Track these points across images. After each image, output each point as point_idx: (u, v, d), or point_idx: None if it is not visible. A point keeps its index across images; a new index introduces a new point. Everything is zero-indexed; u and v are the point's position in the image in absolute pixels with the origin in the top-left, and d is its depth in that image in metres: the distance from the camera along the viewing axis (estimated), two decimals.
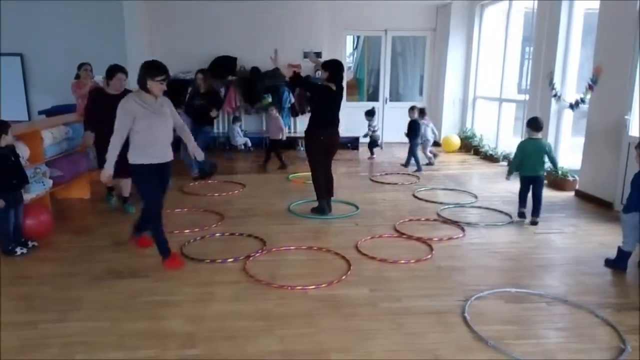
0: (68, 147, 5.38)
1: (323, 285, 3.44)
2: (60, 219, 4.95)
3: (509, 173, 5.21)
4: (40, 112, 8.76)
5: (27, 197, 4.36)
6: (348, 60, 12.60)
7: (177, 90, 9.00)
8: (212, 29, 9.34)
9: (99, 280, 3.55)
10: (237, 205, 5.48)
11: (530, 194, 5.03)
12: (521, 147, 5.06)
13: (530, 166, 4.96)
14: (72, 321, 2.96)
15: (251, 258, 3.91)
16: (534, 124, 5.00)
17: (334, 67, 5.04)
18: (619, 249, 3.77)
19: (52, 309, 3.11)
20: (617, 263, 3.77)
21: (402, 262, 3.89)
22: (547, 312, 3.13)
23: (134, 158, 3.60)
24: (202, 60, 9.27)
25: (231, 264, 3.81)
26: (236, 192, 6.01)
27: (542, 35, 6.82)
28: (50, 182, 4.88)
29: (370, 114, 8.71)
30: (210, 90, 7.02)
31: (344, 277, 3.58)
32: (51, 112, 8.02)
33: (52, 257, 3.98)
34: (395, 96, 10.94)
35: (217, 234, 4.51)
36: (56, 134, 5.05)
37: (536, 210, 4.94)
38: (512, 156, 7.79)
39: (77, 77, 6.66)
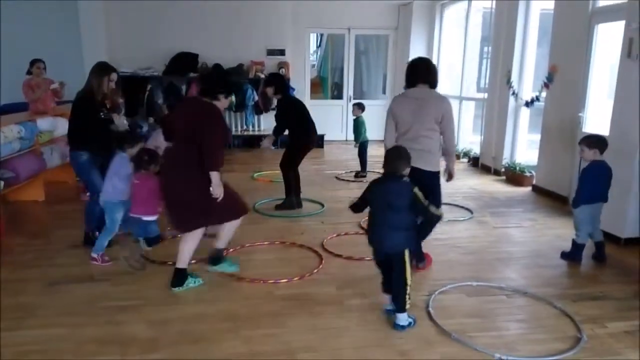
0: (21, 147, 5.14)
1: (295, 279, 3.48)
2: (13, 222, 4.73)
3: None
4: None
5: None
6: (312, 59, 12.62)
7: (136, 87, 8.81)
8: (173, 25, 9.11)
9: (55, 285, 3.41)
10: None
11: None
12: None
13: None
14: (27, 329, 2.83)
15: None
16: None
17: (278, 79, 4.97)
18: (573, 242, 3.92)
19: (5, 317, 2.96)
20: (573, 255, 3.92)
21: (368, 259, 3.90)
22: (507, 305, 3.22)
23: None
24: (162, 57, 9.07)
25: (195, 266, 3.72)
26: None
27: (500, 35, 7.01)
28: (2, 183, 4.65)
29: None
30: None
31: (315, 271, 3.61)
32: (1, 111, 7.63)
33: (4, 262, 3.79)
34: (359, 94, 11.01)
35: (179, 235, 4.39)
36: (7, 133, 4.82)
37: None
38: (472, 153, 8.02)
39: (29, 73, 6.40)
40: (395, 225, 2.82)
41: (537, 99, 6.30)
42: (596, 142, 3.83)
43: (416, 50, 9.69)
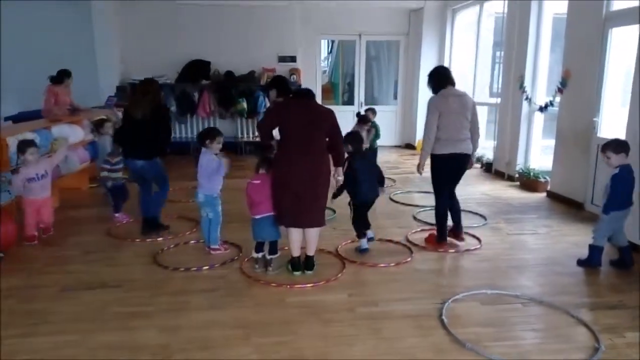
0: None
1: (309, 286, 3.46)
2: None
3: None
4: (6, 119, 8.45)
5: None
6: (323, 65, 12.64)
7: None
8: (186, 32, 9.20)
9: (68, 291, 3.42)
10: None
11: None
12: None
13: None
14: (39, 335, 2.84)
15: (225, 265, 3.85)
16: None
17: (280, 82, 4.79)
18: (591, 246, 3.84)
19: (18, 323, 2.97)
20: (591, 260, 3.83)
21: (382, 265, 3.89)
22: (523, 313, 3.16)
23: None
24: (175, 65, 9.15)
25: (207, 272, 3.73)
26: None
27: (512, 39, 6.95)
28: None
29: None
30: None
31: (334, 278, 3.59)
32: (18, 118, 7.74)
33: (17, 269, 3.81)
34: (370, 100, 10.99)
35: (192, 242, 4.41)
36: None
37: None
38: (485, 158, 7.94)
39: (55, 81, 6.83)
40: (375, 181, 4.22)
41: (551, 103, 6.22)
42: (622, 146, 3.77)
43: (427, 56, 9.67)
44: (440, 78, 4.19)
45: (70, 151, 6.00)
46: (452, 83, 4.20)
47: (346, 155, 3.93)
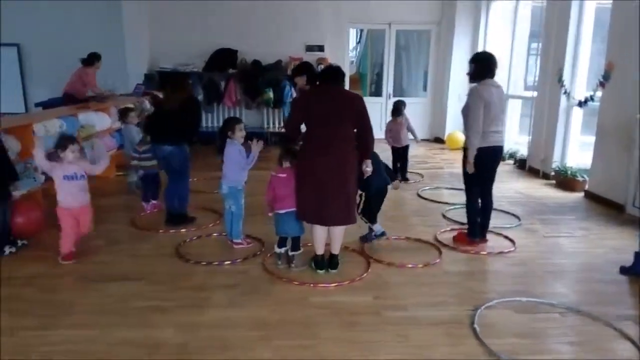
0: None
1: (333, 285, 3.34)
2: (53, 215, 4.76)
3: None
4: (37, 105, 8.56)
5: (18, 193, 4.19)
6: (351, 55, 12.41)
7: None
8: (213, 21, 9.12)
9: (89, 282, 3.39)
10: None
11: None
12: None
13: None
14: (57, 328, 2.80)
15: (247, 259, 3.76)
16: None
17: (309, 68, 4.39)
18: (637, 254, 3.59)
19: (34, 313, 2.95)
20: (636, 269, 3.58)
21: (410, 266, 3.73)
22: (560, 324, 2.96)
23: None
24: (202, 53, 9.09)
25: (228, 267, 3.64)
26: None
27: (552, 31, 6.61)
28: (43, 177, 4.70)
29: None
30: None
31: (358, 278, 3.47)
32: (48, 104, 7.82)
33: (41, 257, 3.81)
34: (398, 91, 10.73)
35: (215, 234, 4.34)
36: (49, 127, 4.87)
37: None
38: (519, 154, 7.63)
39: (86, 63, 7.21)
40: (381, 169, 4.02)
41: (592, 98, 5.89)
42: None
43: (460, 46, 9.35)
44: (492, 66, 3.98)
45: (97, 138, 6.03)
46: (495, 74, 4.02)
47: None
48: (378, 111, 10.11)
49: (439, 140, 9.86)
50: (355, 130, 3.41)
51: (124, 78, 8.68)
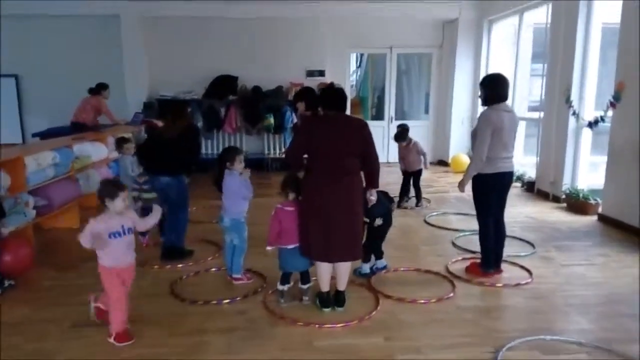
0: (55, 174, 5.01)
1: (339, 325, 3.11)
2: (45, 252, 4.58)
3: None
4: (34, 135, 8.45)
5: (5, 231, 3.98)
6: (351, 79, 12.34)
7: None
8: (213, 47, 9.08)
9: (79, 328, 3.15)
10: None
11: None
12: None
13: None
14: None
15: (247, 298, 3.51)
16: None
17: (309, 93, 4.41)
18: None
19: None
20: None
21: (422, 301, 3.48)
22: None
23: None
24: (202, 80, 9.01)
25: (227, 306, 3.40)
26: None
27: (557, 50, 6.48)
28: (34, 212, 4.52)
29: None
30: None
31: (373, 313, 3.26)
32: (45, 135, 7.71)
33: (29, 299, 3.58)
34: (400, 115, 10.61)
35: (213, 269, 4.10)
36: (41, 161, 4.70)
37: None
38: (526, 177, 7.43)
39: (94, 92, 7.40)
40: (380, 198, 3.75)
41: (602, 119, 5.72)
42: None
43: (462, 69, 9.27)
44: (501, 90, 3.81)
45: (93, 169, 5.86)
46: (507, 97, 3.86)
47: None
48: (380, 135, 9.97)
49: (442, 163, 9.69)
50: (360, 158, 3.21)
51: (124, 106, 8.58)
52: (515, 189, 7.47)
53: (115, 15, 8.60)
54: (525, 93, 8.27)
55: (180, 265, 4.16)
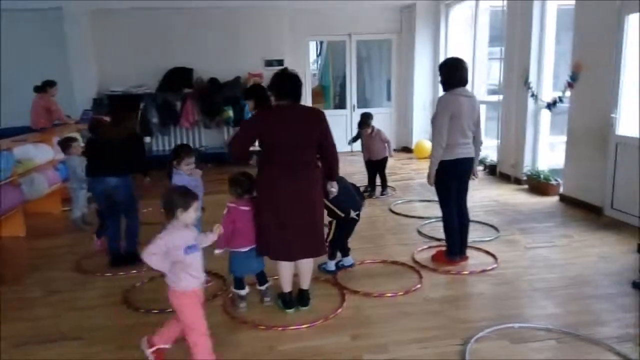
0: None
1: (304, 326, 2.94)
2: None
3: None
4: None
5: None
6: (312, 68, 12.14)
7: (127, 107, 8.33)
8: (165, 39, 8.68)
9: (23, 346, 2.88)
10: None
11: None
12: None
13: None
14: None
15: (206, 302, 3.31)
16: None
17: (257, 91, 4.08)
18: None
19: None
20: None
21: (389, 295, 3.37)
22: (560, 353, 2.65)
23: None
24: (155, 73, 8.63)
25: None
26: None
27: (515, 33, 6.48)
28: None
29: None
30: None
31: (339, 310, 3.13)
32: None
33: None
34: (363, 103, 10.51)
35: None
36: None
37: None
38: (488, 160, 7.46)
39: (40, 90, 6.98)
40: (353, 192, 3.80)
41: (560, 100, 5.75)
42: None
43: (422, 54, 9.21)
44: (459, 74, 3.70)
45: (38, 173, 5.49)
46: (466, 82, 3.76)
47: None
48: (343, 124, 9.85)
49: (406, 149, 9.65)
50: (318, 149, 3.05)
51: (72, 104, 8.12)
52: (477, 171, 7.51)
53: (58, 8, 8.08)
54: (484, 77, 8.29)
55: (134, 272, 3.91)
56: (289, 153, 2.92)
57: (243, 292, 3.18)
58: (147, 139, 8.58)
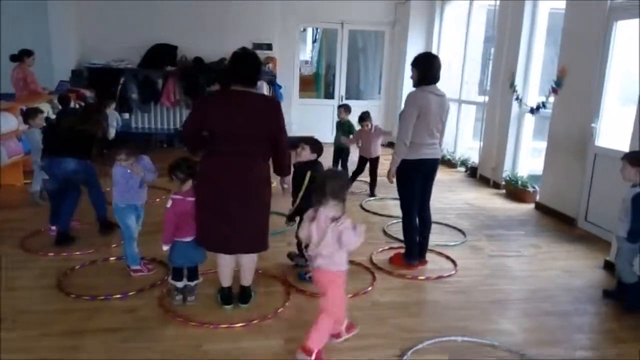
0: None
1: (238, 326, 2.75)
2: None
3: None
4: None
5: None
6: (310, 55, 11.89)
7: (108, 81, 8.11)
8: (151, 14, 8.40)
9: None
10: (152, 217, 4.05)
11: None
12: None
13: None
14: None
15: (143, 292, 3.15)
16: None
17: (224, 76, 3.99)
18: (628, 285, 3.18)
19: None
20: (630, 303, 3.16)
21: None
22: None
23: None
24: (138, 49, 8.38)
25: (117, 302, 3.03)
26: (157, 200, 5.06)
27: (504, 34, 6.29)
28: None
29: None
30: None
31: (280, 310, 2.97)
32: None
33: None
34: (355, 94, 10.30)
35: (113, 258, 3.70)
36: None
37: None
38: (470, 162, 7.30)
39: (16, 59, 6.64)
40: None
41: (544, 105, 5.58)
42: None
43: (414, 49, 8.92)
44: (432, 71, 3.53)
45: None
46: (438, 79, 3.59)
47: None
48: (330, 114, 9.64)
49: (392, 144, 9.46)
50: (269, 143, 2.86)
51: (50, 74, 7.88)
52: (459, 173, 7.37)
53: None
54: (476, 76, 8.08)
55: (77, 253, 3.73)
56: (233, 144, 2.73)
57: (180, 284, 3.01)
58: (126, 116, 8.37)
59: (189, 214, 2.89)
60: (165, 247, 2.94)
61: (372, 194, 5.86)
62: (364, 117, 5.83)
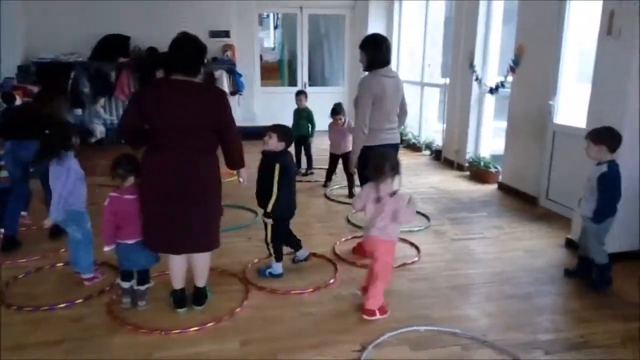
0: None
1: (192, 329, 2.61)
2: None
3: None
4: None
5: None
6: (273, 42, 11.65)
7: (58, 75, 7.71)
8: (100, 3, 8.01)
9: None
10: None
11: None
12: None
13: None
14: None
15: (91, 299, 2.97)
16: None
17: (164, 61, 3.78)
18: (599, 266, 3.14)
19: None
20: (601, 282, 3.16)
21: (296, 292, 3.11)
22: None
23: None
24: (88, 41, 7.99)
25: (62, 312, 2.85)
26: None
27: (462, 14, 6.24)
28: None
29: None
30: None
31: (237, 310, 2.85)
32: None
33: None
34: (321, 81, 10.15)
35: (60, 264, 3.47)
36: None
37: None
38: (435, 145, 7.28)
39: None
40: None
41: (502, 85, 5.57)
42: (603, 136, 3.04)
43: (375, 32, 8.86)
44: (382, 53, 3.44)
45: None
46: (389, 62, 3.51)
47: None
48: (293, 102, 9.41)
49: None
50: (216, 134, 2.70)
51: None
52: (424, 157, 7.36)
53: None
54: (438, 59, 8.03)
55: (23, 260, 3.50)
56: (175, 137, 2.56)
57: (126, 285, 2.85)
58: (79, 111, 8.01)
59: (130, 213, 2.72)
60: (107, 248, 2.77)
61: (350, 196, 5.20)
62: (337, 109, 5.44)
